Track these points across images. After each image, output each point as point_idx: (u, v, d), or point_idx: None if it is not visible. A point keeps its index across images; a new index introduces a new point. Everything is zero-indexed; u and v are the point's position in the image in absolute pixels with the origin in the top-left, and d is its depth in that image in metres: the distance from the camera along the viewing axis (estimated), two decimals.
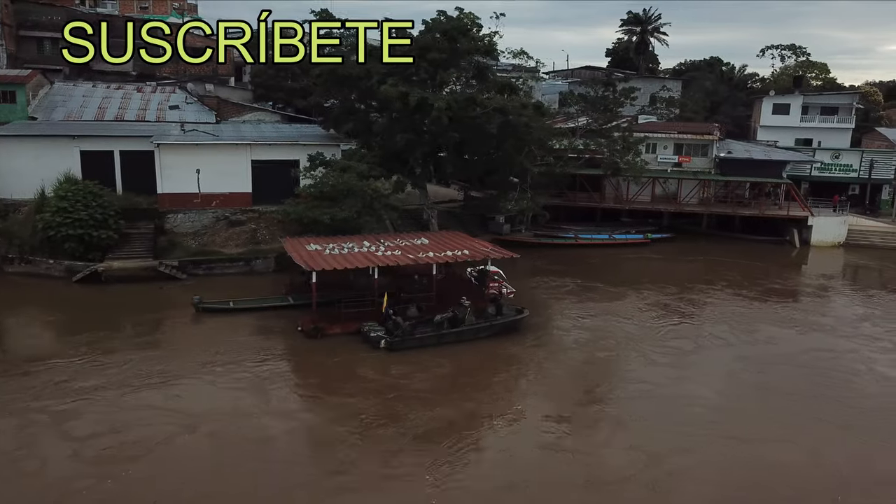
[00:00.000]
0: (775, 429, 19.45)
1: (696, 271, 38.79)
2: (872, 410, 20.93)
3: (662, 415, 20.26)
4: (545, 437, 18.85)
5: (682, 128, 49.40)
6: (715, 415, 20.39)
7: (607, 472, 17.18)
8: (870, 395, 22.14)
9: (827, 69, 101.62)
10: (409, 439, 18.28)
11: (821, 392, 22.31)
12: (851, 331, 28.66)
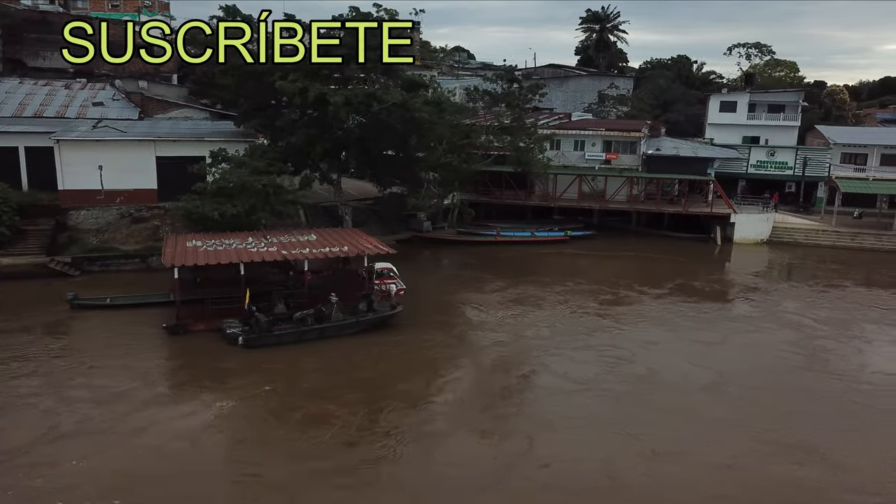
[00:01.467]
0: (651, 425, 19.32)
1: (607, 267, 38.81)
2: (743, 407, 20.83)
3: (517, 405, 20.65)
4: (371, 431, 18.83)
5: (610, 125, 49.35)
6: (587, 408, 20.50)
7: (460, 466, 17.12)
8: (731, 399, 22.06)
9: (796, 67, 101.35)
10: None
11: (707, 384, 22.38)
12: (743, 327, 28.62)
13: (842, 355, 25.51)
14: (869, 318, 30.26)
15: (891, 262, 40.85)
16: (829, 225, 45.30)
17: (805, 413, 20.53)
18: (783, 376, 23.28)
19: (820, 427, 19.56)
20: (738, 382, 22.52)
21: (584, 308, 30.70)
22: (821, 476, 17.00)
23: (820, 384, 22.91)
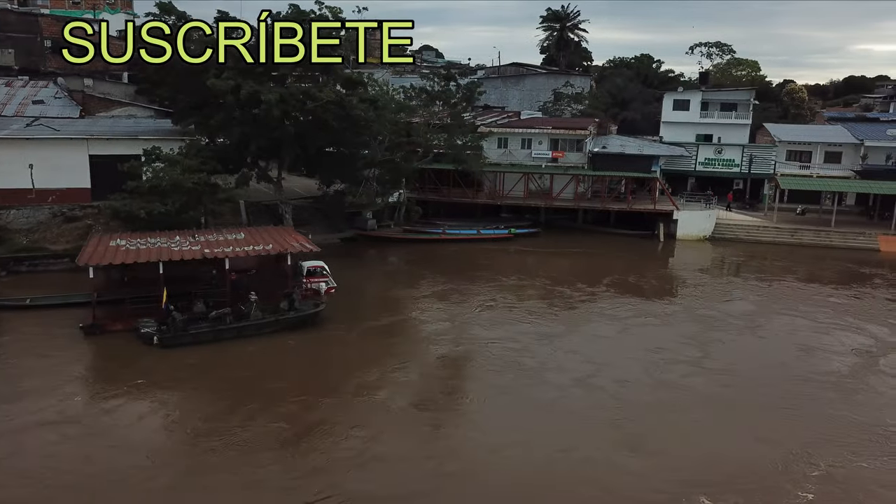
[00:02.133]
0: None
1: (545, 264, 39.00)
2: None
3: (420, 401, 20.75)
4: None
5: (556, 123, 49.64)
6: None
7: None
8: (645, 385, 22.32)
9: (757, 66, 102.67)
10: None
11: (580, 377, 22.57)
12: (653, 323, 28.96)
13: (728, 349, 25.92)
14: (775, 310, 30.95)
15: (826, 257, 41.54)
16: (772, 221, 45.94)
17: (653, 406, 20.81)
18: (653, 370, 23.49)
19: (660, 419, 19.96)
20: (610, 376, 22.91)
21: (508, 303, 31.01)
22: (640, 465, 17.42)
23: (687, 378, 23.10)
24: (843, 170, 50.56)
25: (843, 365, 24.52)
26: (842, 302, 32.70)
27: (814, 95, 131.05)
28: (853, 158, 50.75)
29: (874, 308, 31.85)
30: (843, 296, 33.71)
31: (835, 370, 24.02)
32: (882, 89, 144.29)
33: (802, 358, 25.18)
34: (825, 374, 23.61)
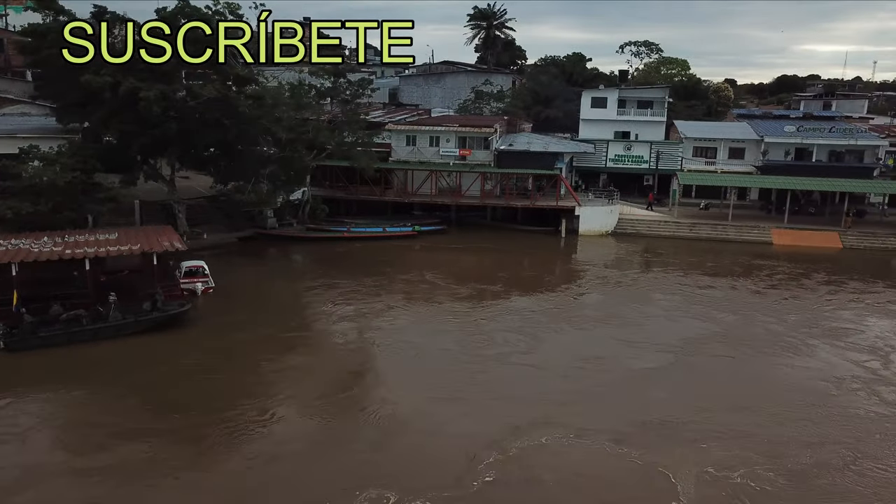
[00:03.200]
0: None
1: (445, 260, 39.13)
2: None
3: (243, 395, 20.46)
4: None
5: (464, 121, 49.91)
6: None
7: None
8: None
9: (687, 65, 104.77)
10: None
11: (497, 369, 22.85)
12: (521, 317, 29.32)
13: (568, 341, 26.30)
14: (629, 302, 31.70)
15: (721, 250, 42.56)
16: (673, 217, 46.98)
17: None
18: (487, 361, 23.97)
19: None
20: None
21: (397, 300, 31.05)
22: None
23: (504, 368, 23.55)
24: (745, 165, 51.95)
25: (650, 361, 24.37)
26: (703, 293, 33.58)
27: (751, 94, 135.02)
28: (755, 154, 52.20)
29: (734, 299, 32.71)
30: (717, 287, 34.73)
31: (636, 366, 23.89)
32: (813, 88, 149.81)
33: (618, 350, 25.37)
34: (622, 369, 23.62)
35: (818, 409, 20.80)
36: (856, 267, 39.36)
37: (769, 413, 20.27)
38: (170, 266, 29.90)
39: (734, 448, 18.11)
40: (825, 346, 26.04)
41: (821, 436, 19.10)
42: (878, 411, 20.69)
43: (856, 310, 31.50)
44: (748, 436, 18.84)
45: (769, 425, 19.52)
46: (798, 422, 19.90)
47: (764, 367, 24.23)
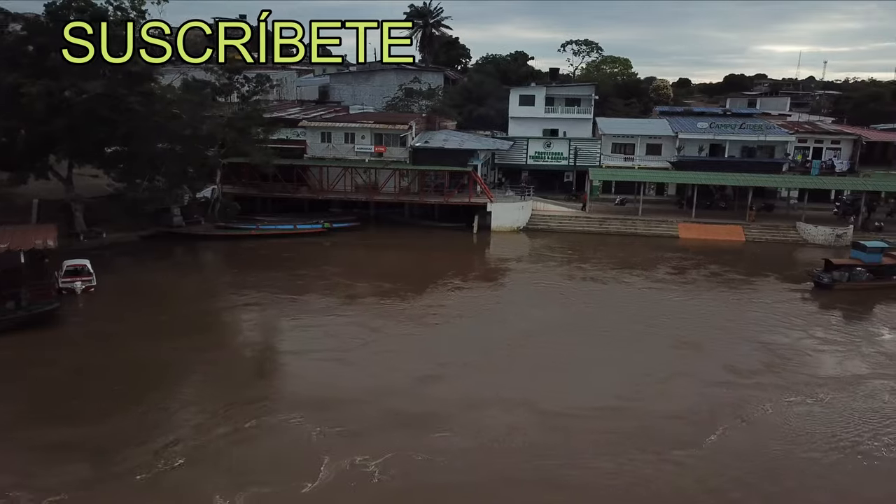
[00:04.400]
0: None
1: (350, 257, 39.37)
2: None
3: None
4: None
5: (379, 118, 49.99)
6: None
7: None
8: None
9: (629, 64, 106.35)
10: None
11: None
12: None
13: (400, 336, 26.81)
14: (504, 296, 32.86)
15: (630, 244, 43.29)
16: (584, 212, 47.61)
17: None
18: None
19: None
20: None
21: (270, 298, 30.94)
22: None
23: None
24: (661, 161, 52.86)
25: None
26: (578, 286, 34.62)
27: (703, 93, 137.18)
28: (672, 150, 53.10)
29: (602, 291, 33.82)
30: (598, 280, 35.70)
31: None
32: (760, 87, 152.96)
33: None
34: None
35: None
36: (745, 259, 40.63)
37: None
38: (45, 265, 29.35)
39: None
40: (646, 336, 26.76)
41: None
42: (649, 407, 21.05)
43: (704, 300, 32.77)
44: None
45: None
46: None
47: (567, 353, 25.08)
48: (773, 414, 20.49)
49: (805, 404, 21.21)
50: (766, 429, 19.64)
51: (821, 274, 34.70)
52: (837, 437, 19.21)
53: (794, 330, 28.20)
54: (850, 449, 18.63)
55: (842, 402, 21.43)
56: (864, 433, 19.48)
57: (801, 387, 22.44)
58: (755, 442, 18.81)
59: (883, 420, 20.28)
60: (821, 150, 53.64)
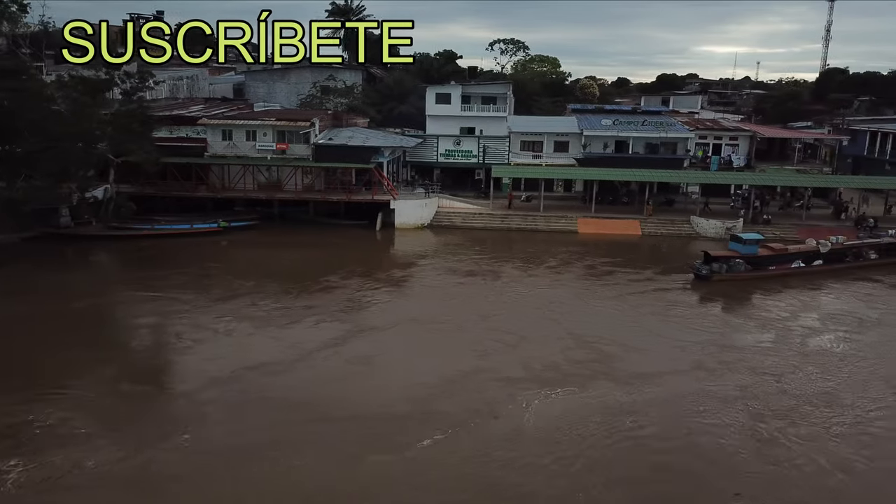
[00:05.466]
0: None
1: (239, 256, 39.00)
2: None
3: None
4: None
5: (281, 115, 49.49)
6: None
7: None
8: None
9: (557, 63, 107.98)
10: None
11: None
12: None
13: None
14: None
15: (530, 240, 43.66)
16: (488, 209, 48.02)
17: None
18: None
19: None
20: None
21: (172, 295, 30.63)
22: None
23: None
24: (568, 158, 53.70)
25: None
26: (455, 280, 35.28)
27: (641, 92, 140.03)
28: (579, 147, 54.01)
29: (484, 288, 34.19)
30: (483, 274, 36.27)
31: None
32: (691, 86, 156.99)
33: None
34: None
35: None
36: (637, 252, 41.89)
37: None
38: None
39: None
40: (476, 330, 27.38)
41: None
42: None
43: (576, 293, 33.54)
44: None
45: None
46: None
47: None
48: (513, 412, 20.40)
49: (550, 400, 21.12)
50: (500, 428, 19.57)
51: (700, 266, 35.74)
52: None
53: (647, 321, 28.79)
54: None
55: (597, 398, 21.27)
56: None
57: (565, 381, 22.46)
58: (480, 442, 18.72)
59: (610, 434, 19.46)
60: (720, 146, 55.33)
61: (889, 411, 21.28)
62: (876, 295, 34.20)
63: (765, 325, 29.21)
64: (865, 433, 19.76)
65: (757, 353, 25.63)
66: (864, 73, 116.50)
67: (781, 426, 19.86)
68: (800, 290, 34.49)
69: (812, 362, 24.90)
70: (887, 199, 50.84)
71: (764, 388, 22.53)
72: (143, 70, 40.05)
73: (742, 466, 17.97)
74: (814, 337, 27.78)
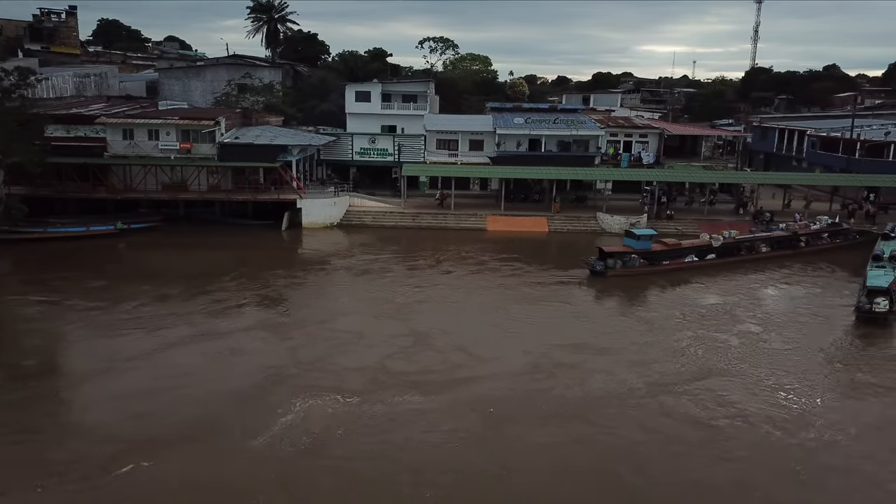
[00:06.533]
0: None
1: (136, 259, 38.02)
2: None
3: None
4: None
5: (184, 114, 48.36)
6: None
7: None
8: None
9: (489, 61, 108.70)
10: None
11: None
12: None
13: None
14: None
15: (440, 238, 43.64)
16: (399, 207, 47.92)
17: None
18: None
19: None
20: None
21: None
22: None
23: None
24: (482, 156, 54.01)
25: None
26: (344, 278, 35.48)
27: (578, 90, 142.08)
28: (493, 146, 54.35)
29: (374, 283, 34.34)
30: (379, 272, 36.30)
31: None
32: (625, 84, 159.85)
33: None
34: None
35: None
36: (541, 249, 42.48)
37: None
38: None
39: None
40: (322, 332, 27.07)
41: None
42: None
43: (456, 289, 33.72)
44: None
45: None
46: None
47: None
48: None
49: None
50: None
51: (595, 262, 36.37)
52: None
53: (523, 318, 28.95)
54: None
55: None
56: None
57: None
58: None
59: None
60: (630, 143, 56.52)
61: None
62: (743, 286, 35.00)
63: (640, 321, 29.46)
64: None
65: (595, 352, 25.62)
66: (785, 73, 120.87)
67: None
68: (687, 284, 35.33)
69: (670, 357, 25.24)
70: (785, 193, 52.77)
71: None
72: (22, 67, 38.39)
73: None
74: (675, 332, 28.05)
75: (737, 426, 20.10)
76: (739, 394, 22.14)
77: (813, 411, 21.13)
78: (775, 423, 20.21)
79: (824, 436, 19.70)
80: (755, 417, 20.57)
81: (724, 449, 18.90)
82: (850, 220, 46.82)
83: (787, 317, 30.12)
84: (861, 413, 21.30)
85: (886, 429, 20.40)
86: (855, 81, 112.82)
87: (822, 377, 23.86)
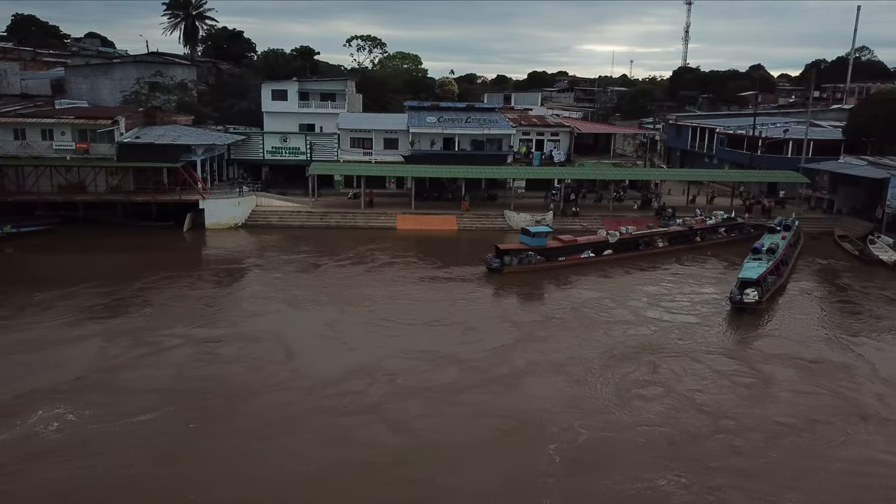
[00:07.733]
0: None
1: (22, 265, 36.48)
2: None
3: None
4: None
5: (81, 113, 46.95)
6: None
7: None
8: None
9: (419, 60, 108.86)
10: None
11: None
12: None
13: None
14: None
15: (344, 236, 43.52)
16: (308, 206, 47.54)
17: None
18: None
19: None
20: None
21: None
22: None
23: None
24: (397, 155, 54.04)
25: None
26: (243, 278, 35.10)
27: (517, 89, 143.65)
28: (407, 144, 54.43)
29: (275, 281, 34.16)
30: (275, 270, 36.06)
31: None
32: (560, 83, 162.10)
33: None
34: None
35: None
36: (448, 246, 42.51)
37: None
38: None
39: None
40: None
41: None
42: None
43: (339, 287, 33.41)
44: None
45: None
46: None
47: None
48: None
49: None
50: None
51: (492, 259, 36.79)
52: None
53: (407, 314, 29.05)
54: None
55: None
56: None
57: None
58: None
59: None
60: (543, 141, 57.42)
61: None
62: (631, 281, 35.91)
63: (508, 320, 29.26)
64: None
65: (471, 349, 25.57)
66: (709, 72, 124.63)
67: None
68: (578, 279, 35.93)
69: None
70: (688, 189, 54.50)
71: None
72: None
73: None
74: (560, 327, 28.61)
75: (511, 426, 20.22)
76: (549, 390, 22.25)
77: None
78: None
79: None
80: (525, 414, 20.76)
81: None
82: (747, 214, 48.64)
83: (662, 307, 31.08)
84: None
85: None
86: (771, 80, 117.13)
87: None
